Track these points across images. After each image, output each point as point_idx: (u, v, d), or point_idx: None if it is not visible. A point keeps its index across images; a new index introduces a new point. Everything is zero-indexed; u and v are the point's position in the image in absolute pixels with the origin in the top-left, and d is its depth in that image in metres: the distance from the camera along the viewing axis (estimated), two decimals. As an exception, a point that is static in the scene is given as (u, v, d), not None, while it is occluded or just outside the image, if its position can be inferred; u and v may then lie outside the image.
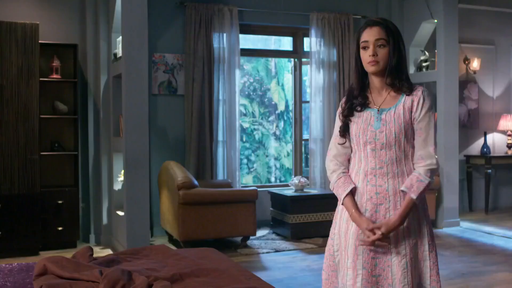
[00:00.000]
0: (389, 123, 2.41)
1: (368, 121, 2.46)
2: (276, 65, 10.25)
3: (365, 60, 2.45)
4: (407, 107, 2.42)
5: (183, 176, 5.81)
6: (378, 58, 2.40)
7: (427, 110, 2.41)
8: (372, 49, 2.41)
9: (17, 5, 6.25)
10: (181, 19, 6.90)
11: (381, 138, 2.41)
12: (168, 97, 6.88)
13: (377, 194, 2.42)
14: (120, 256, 3.60)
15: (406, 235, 2.39)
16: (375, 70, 2.43)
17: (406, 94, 2.43)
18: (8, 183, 5.80)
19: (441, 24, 7.24)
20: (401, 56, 2.43)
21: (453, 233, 6.91)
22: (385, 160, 2.41)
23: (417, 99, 2.42)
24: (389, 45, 2.40)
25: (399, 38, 2.45)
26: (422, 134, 2.41)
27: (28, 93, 5.86)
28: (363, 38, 2.45)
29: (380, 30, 2.42)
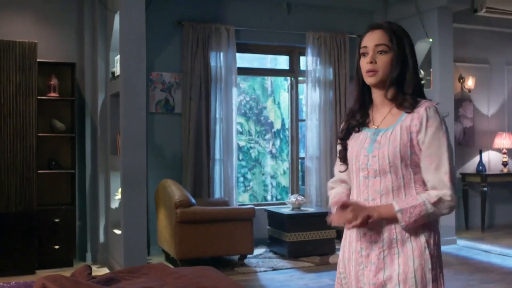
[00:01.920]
0: (382, 146, 2.04)
1: (362, 144, 2.11)
2: (272, 84, 10.30)
3: (363, 68, 2.10)
4: (405, 127, 2.02)
5: (180, 195, 5.81)
6: (377, 66, 2.05)
7: (435, 131, 1.99)
8: (370, 56, 2.06)
9: (16, 23, 6.29)
10: (179, 38, 6.95)
11: (374, 164, 2.05)
12: (166, 116, 6.91)
13: (371, 229, 2.05)
14: (118, 274, 3.60)
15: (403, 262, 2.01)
16: (374, 82, 2.08)
17: (407, 112, 2.04)
18: (5, 201, 5.79)
19: (436, 43, 7.31)
20: (406, 65, 2.07)
21: (450, 251, 6.91)
22: (379, 190, 2.04)
23: (419, 119, 2.01)
24: (392, 52, 2.05)
25: (406, 44, 2.10)
26: (433, 161, 1.99)
27: (26, 111, 5.87)
28: (362, 43, 2.12)
29: (382, 34, 2.08)
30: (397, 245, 2.02)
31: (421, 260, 1.99)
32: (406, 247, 2.01)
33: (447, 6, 7.21)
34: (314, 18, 7.68)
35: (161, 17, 6.80)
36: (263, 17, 7.41)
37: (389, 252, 2.03)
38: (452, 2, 7.13)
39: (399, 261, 2.01)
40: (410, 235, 2.01)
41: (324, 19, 7.74)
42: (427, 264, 1.99)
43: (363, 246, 2.08)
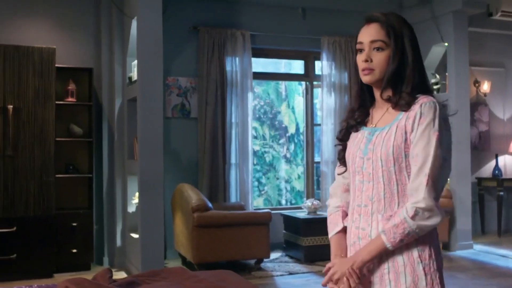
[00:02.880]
0: (376, 148, 1.87)
1: (359, 145, 1.95)
2: (287, 88, 10.31)
3: (359, 66, 1.94)
4: (401, 126, 1.84)
5: (197, 199, 5.84)
6: (373, 65, 1.89)
7: (424, 128, 1.80)
8: (366, 53, 1.90)
9: (34, 29, 6.36)
10: (195, 43, 6.99)
11: (368, 167, 1.89)
12: (182, 120, 6.94)
13: (360, 239, 1.91)
14: (139, 278, 3.63)
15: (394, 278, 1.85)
16: (370, 80, 1.91)
17: (403, 111, 1.86)
18: (24, 205, 5.84)
19: (451, 47, 7.30)
20: (405, 62, 1.89)
21: (466, 255, 6.88)
22: (371, 196, 1.88)
23: (413, 116, 1.83)
24: (389, 48, 1.88)
25: (406, 37, 1.90)
26: (418, 161, 1.80)
27: (44, 116, 5.93)
28: (358, 38, 1.95)
29: (378, 28, 1.91)
30: (387, 260, 1.86)
31: (414, 277, 1.82)
32: (397, 262, 1.84)
33: (463, 10, 7.20)
34: (329, 23, 7.70)
35: (177, 22, 6.84)
36: (278, 22, 7.44)
37: (379, 267, 1.88)
38: (467, 6, 7.11)
39: (389, 277, 1.85)
40: (401, 250, 1.83)
41: (339, 24, 7.74)
42: (421, 281, 1.82)
43: None
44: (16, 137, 5.83)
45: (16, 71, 5.84)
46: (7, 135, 5.78)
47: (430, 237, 1.87)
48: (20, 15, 6.32)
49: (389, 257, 1.85)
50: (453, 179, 7.23)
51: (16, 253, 5.78)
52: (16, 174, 5.82)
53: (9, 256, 5.75)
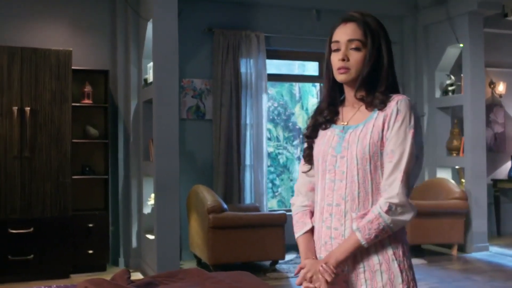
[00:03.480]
0: (351, 146, 1.85)
1: (330, 142, 1.92)
2: (300, 90, 10.32)
3: (334, 65, 1.92)
4: (378, 124, 1.84)
5: (212, 200, 5.86)
6: (349, 64, 1.88)
7: (400, 125, 1.81)
8: (343, 52, 1.88)
9: (51, 32, 6.41)
10: (209, 45, 7.01)
11: (342, 166, 1.86)
12: (196, 122, 6.97)
13: (332, 239, 1.88)
14: (156, 279, 3.65)
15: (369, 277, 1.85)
16: (345, 79, 1.90)
17: (379, 109, 1.86)
18: (41, 207, 5.89)
19: (467, 48, 7.26)
20: (380, 63, 1.90)
21: (482, 258, 6.84)
22: (344, 195, 1.85)
23: (389, 114, 1.83)
24: (365, 49, 1.88)
25: (382, 39, 1.91)
26: (393, 157, 1.80)
27: (61, 117, 5.98)
28: (334, 37, 1.94)
29: (355, 28, 1.90)
30: (362, 260, 1.85)
31: (390, 274, 1.83)
32: (372, 261, 1.84)
33: (478, 11, 7.16)
34: (343, 24, 7.67)
35: (192, 24, 6.87)
36: (293, 24, 7.44)
37: (354, 267, 1.87)
38: (483, 7, 7.07)
39: (365, 276, 1.85)
40: (375, 248, 1.84)
41: (354, 25, 7.72)
42: (397, 278, 1.83)
43: (322, 256, 1.92)
44: (33, 138, 5.87)
45: (33, 73, 5.89)
46: (25, 137, 5.84)
47: (402, 234, 1.89)
48: (37, 18, 6.38)
49: (363, 256, 1.85)
50: (468, 180, 7.20)
51: (33, 254, 5.82)
52: (33, 176, 5.87)
53: (26, 257, 5.80)
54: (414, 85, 8.01)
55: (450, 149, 7.64)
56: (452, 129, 7.69)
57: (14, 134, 5.81)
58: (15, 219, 5.79)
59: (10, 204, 5.79)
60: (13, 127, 5.81)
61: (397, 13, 7.98)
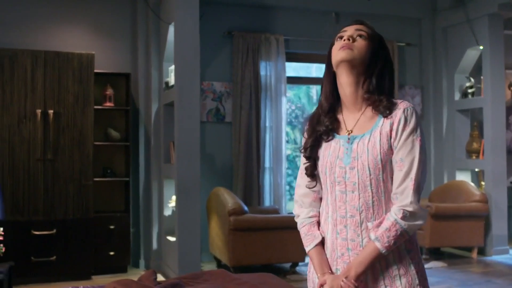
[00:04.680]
0: (361, 156, 1.84)
1: (337, 154, 1.89)
2: (318, 93, 10.32)
3: (336, 48, 1.91)
4: (385, 132, 1.84)
5: (233, 202, 5.89)
6: (353, 45, 1.88)
7: (408, 134, 1.82)
8: (349, 34, 1.90)
9: (74, 36, 6.49)
10: (229, 48, 7.05)
11: (352, 177, 1.85)
12: (216, 124, 7.01)
13: (349, 250, 1.86)
14: (182, 280, 3.68)
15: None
16: (346, 57, 1.86)
17: (384, 116, 1.86)
18: (63, 208, 5.95)
19: (487, 50, 7.24)
20: (387, 65, 1.93)
21: (503, 261, 6.81)
22: (358, 206, 1.84)
23: (397, 122, 1.83)
24: (371, 42, 1.90)
25: (386, 46, 1.96)
26: (403, 166, 1.81)
27: (84, 120, 6.04)
28: (341, 31, 1.96)
29: (363, 26, 1.93)
30: (380, 267, 1.85)
31: (408, 278, 1.84)
32: (391, 267, 1.85)
33: (498, 13, 7.13)
34: (362, 27, 7.68)
35: (211, 27, 6.91)
36: (312, 26, 7.46)
37: (373, 275, 1.86)
38: (503, 9, 7.05)
39: (384, 282, 1.85)
40: (393, 254, 1.84)
41: (372, 28, 7.73)
42: (414, 280, 1.85)
43: (339, 268, 1.90)
44: (56, 141, 5.94)
45: (56, 76, 5.96)
46: (48, 140, 5.90)
47: (414, 235, 1.90)
48: (60, 22, 6.45)
49: (381, 263, 1.84)
50: (488, 183, 7.18)
51: (56, 255, 5.89)
52: (55, 178, 5.93)
53: (49, 258, 5.86)
54: (433, 87, 8.00)
55: (470, 151, 7.61)
56: (471, 131, 7.67)
57: (38, 136, 5.88)
58: (38, 221, 5.86)
59: (33, 206, 5.86)
60: (37, 130, 5.88)
61: (416, 15, 7.97)
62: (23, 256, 5.74)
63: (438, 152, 7.95)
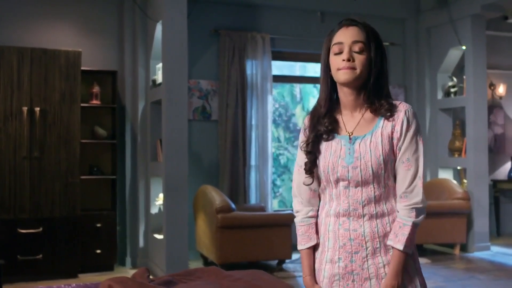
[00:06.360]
0: (364, 156, 1.91)
1: (338, 154, 1.95)
2: (301, 91, 10.38)
3: (336, 65, 1.92)
4: (386, 133, 1.92)
5: (221, 200, 5.91)
6: (355, 64, 1.90)
7: (413, 135, 1.91)
8: (347, 52, 1.90)
9: (60, 33, 6.45)
10: (215, 46, 7.07)
11: (355, 176, 1.91)
12: (202, 123, 7.02)
13: (351, 240, 1.93)
14: (175, 277, 3.70)
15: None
16: (349, 79, 1.90)
17: (385, 118, 1.93)
18: (50, 206, 5.92)
19: (469, 50, 7.35)
20: (383, 67, 1.95)
21: (484, 257, 6.93)
22: (361, 200, 1.92)
23: (400, 123, 1.91)
24: (369, 52, 1.92)
25: (382, 45, 1.97)
26: (411, 166, 1.91)
27: (70, 118, 6.01)
28: (336, 39, 1.96)
29: (359, 31, 1.94)
30: (380, 255, 1.94)
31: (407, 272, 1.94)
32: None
33: (481, 14, 7.25)
34: (347, 26, 7.76)
35: (198, 25, 6.92)
36: (298, 26, 7.52)
37: (374, 262, 1.95)
38: (486, 10, 7.16)
39: (385, 270, 1.93)
40: None
41: (357, 27, 7.81)
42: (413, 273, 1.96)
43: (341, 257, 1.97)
44: (43, 139, 5.91)
45: (42, 74, 5.92)
46: (34, 137, 5.87)
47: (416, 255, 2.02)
48: (46, 19, 6.41)
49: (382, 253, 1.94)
50: (470, 181, 7.30)
51: (42, 254, 5.86)
52: (42, 176, 5.90)
53: (35, 257, 5.83)
54: (416, 86, 8.10)
55: (452, 150, 7.73)
56: (454, 130, 7.79)
57: (24, 134, 5.84)
58: (24, 219, 5.83)
59: (20, 204, 5.83)
60: (23, 127, 5.84)
61: (400, 15, 8.07)
62: (9, 254, 5.71)
63: (421, 150, 8.04)
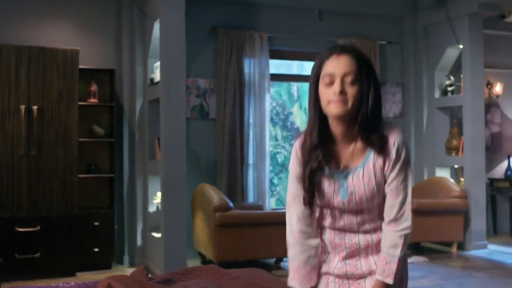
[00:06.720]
0: (358, 191, 1.94)
1: (333, 188, 1.97)
2: (299, 89, 10.39)
3: (327, 98, 1.87)
4: (378, 166, 1.93)
5: (219, 199, 5.92)
6: (347, 97, 1.85)
7: (401, 166, 1.92)
8: (339, 85, 1.85)
9: (58, 31, 6.44)
10: (213, 45, 7.07)
11: (351, 207, 1.97)
12: (200, 121, 7.02)
13: (347, 248, 2.03)
14: (174, 276, 3.71)
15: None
16: (341, 113, 1.86)
17: (376, 150, 1.93)
18: (47, 205, 5.92)
19: (467, 49, 7.37)
20: (378, 96, 1.91)
21: (481, 255, 6.95)
22: (356, 222, 2.00)
23: (389, 156, 1.91)
24: (361, 84, 1.87)
25: (374, 73, 1.92)
26: (399, 194, 1.93)
27: (68, 116, 6.01)
28: (326, 70, 1.89)
29: (350, 60, 1.88)
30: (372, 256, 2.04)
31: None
32: None
33: (478, 13, 7.26)
34: (345, 25, 7.79)
35: (196, 24, 6.91)
36: (295, 24, 7.52)
37: (367, 263, 2.04)
38: (483, 9, 7.18)
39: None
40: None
41: (355, 26, 7.83)
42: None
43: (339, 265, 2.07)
44: (40, 137, 5.90)
45: (40, 72, 5.92)
46: (32, 136, 5.86)
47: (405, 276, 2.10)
48: (44, 18, 6.40)
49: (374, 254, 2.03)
50: (468, 179, 7.31)
51: (40, 252, 5.86)
52: (40, 174, 5.90)
53: (33, 255, 5.83)
54: (413, 85, 8.12)
55: (449, 148, 7.75)
56: (451, 129, 7.81)
57: (21, 132, 5.83)
58: (22, 218, 5.83)
59: (17, 202, 5.82)
60: (20, 125, 5.83)
61: (397, 14, 8.08)
62: (7, 253, 5.71)
63: (418, 149, 8.08)
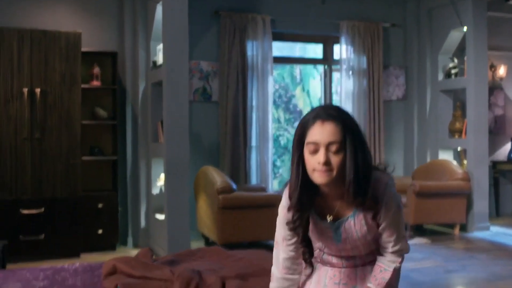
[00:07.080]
0: (351, 237, 1.99)
1: (326, 236, 2.02)
2: (301, 72, 10.37)
3: (312, 166, 1.87)
4: (369, 216, 1.97)
5: (222, 181, 5.93)
6: (331, 167, 1.85)
7: (393, 214, 1.97)
8: (324, 154, 1.83)
9: (60, 14, 6.42)
10: (216, 28, 7.04)
11: (347, 251, 2.04)
12: (203, 104, 7.02)
13: (343, 269, 2.10)
14: (178, 257, 3.73)
15: None
16: (325, 182, 1.87)
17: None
18: (51, 187, 5.94)
19: (470, 32, 7.33)
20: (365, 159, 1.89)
21: (484, 237, 6.97)
22: (353, 262, 2.09)
23: (380, 204, 1.95)
24: (345, 152, 1.85)
25: (360, 137, 1.89)
26: (393, 234, 2.00)
27: (71, 99, 6.01)
28: (310, 138, 1.87)
29: (335, 128, 1.85)
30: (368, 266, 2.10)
31: None
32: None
33: (482, -5, 7.23)
34: (348, 8, 7.75)
35: (199, 6, 6.88)
36: (298, 7, 7.48)
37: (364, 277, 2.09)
38: (487, -9, 7.14)
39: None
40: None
41: (358, 9, 7.80)
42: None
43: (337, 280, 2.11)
44: (43, 120, 5.91)
45: (43, 55, 5.90)
46: (35, 118, 5.87)
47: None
48: (46, 0, 6.38)
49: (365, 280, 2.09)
50: (470, 162, 7.32)
51: (44, 234, 5.89)
52: (43, 157, 5.91)
53: (37, 237, 5.87)
54: (417, 68, 8.10)
55: (452, 131, 7.74)
56: (454, 111, 7.79)
57: (25, 115, 5.84)
58: (26, 200, 5.85)
59: (21, 185, 5.84)
60: (24, 109, 5.83)
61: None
62: (11, 235, 5.73)
63: (421, 131, 8.08)
